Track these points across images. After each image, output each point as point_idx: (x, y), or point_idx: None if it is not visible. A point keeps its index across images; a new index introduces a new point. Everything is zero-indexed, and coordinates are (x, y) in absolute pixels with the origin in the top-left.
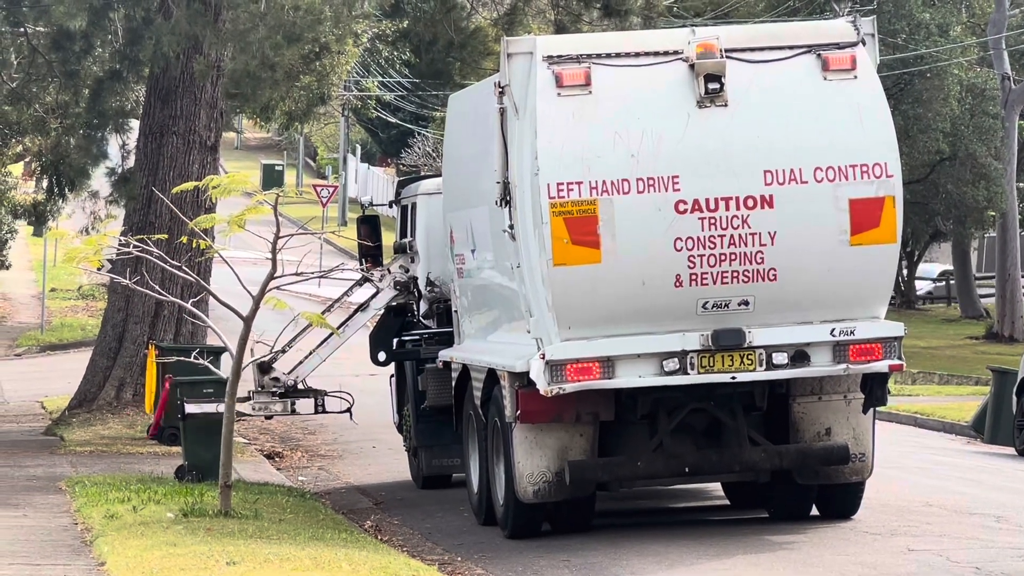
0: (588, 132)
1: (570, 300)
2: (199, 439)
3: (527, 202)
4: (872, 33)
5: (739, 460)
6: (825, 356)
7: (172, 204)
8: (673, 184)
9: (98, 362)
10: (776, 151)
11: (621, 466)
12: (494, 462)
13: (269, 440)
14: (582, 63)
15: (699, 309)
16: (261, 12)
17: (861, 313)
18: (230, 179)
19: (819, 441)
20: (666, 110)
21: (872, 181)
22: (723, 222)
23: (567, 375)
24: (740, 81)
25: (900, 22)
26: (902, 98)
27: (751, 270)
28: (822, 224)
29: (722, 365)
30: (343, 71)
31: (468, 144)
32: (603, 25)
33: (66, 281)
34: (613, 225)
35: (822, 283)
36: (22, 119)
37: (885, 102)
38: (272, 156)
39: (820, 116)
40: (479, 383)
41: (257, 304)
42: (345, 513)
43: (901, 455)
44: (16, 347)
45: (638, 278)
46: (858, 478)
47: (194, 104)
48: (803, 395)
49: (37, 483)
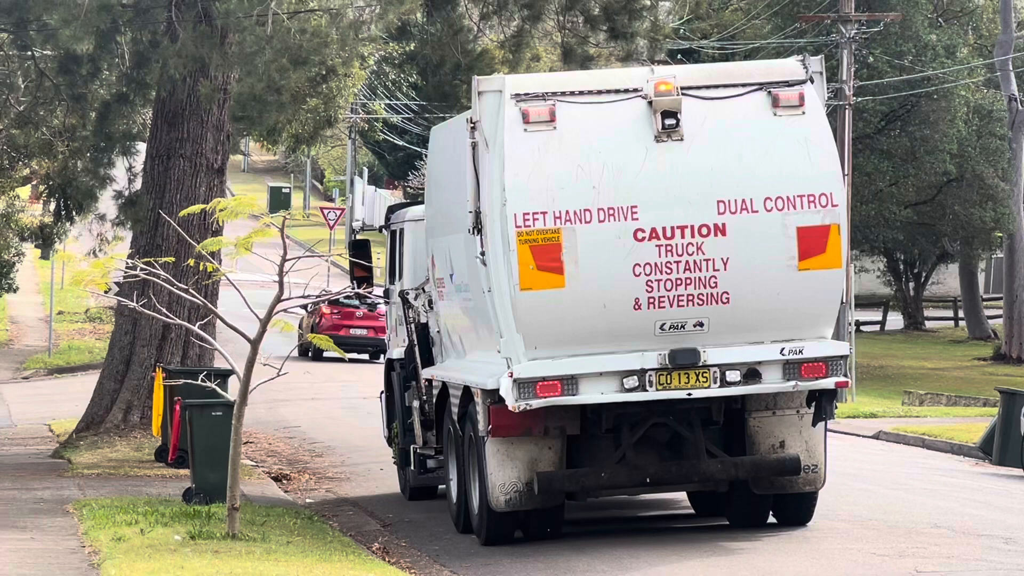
0: (553, 165)
1: (536, 322)
2: (206, 462)
3: (496, 230)
4: (820, 71)
5: (697, 471)
6: (776, 374)
7: (179, 227)
8: (632, 214)
9: (105, 385)
10: (728, 182)
11: (587, 477)
12: (470, 473)
13: (276, 462)
14: (547, 100)
15: (657, 330)
16: (267, 35)
17: (809, 333)
18: (237, 202)
19: (773, 453)
20: (626, 144)
21: (819, 210)
22: (679, 249)
23: (534, 392)
24: (695, 117)
25: (907, 43)
26: (909, 119)
27: (705, 294)
28: (772, 251)
29: (679, 382)
30: (350, 94)
31: (447, 174)
32: (609, 47)
33: (73, 304)
34: (576, 252)
35: (772, 306)
36: (29, 142)
37: (831, 136)
38: (279, 179)
39: (770, 149)
40: (456, 399)
41: (264, 327)
42: (353, 535)
43: (909, 476)
44: (23, 370)
45: (599, 301)
46: (811, 488)
47: (201, 127)
48: (758, 410)
49: (45, 506)
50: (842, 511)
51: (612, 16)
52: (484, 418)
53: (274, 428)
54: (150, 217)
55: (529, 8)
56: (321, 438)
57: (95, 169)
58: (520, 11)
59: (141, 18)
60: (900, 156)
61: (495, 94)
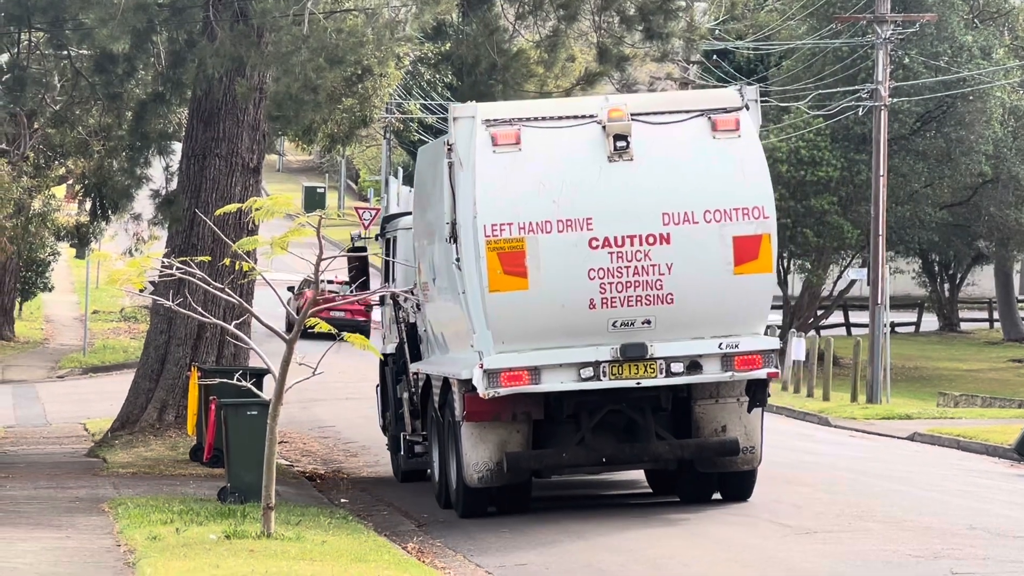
0: (518, 182)
1: (504, 320)
2: (241, 461)
3: (469, 239)
4: (755, 99)
5: (648, 452)
6: (715, 366)
7: (215, 226)
8: (587, 225)
9: (140, 384)
10: (672, 197)
11: (550, 457)
12: (449, 455)
13: (311, 462)
14: (514, 125)
15: (609, 327)
16: (304, 35)
17: (744, 330)
18: (273, 201)
19: (715, 436)
20: (582, 164)
21: (752, 221)
22: (628, 256)
23: (501, 381)
24: (643, 140)
25: (943, 44)
26: (945, 120)
27: (652, 295)
28: (710, 257)
29: (629, 373)
30: (385, 94)
31: (430, 190)
32: (645, 47)
33: (108, 303)
34: (538, 258)
35: (711, 305)
36: (65, 141)
37: (763, 156)
38: (314, 178)
39: (709, 168)
40: (438, 389)
41: (300, 326)
42: (387, 535)
43: (943, 478)
44: (59, 369)
45: (559, 302)
46: (749, 467)
47: (236, 126)
48: (703, 398)
49: (80, 505)
50: (877, 512)
51: (648, 16)
52: (460, 405)
53: (308, 428)
54: (186, 216)
55: (565, 8)
56: (356, 438)
57: (131, 168)
58: (556, 11)
59: (177, 17)
60: (935, 157)
61: (468, 120)
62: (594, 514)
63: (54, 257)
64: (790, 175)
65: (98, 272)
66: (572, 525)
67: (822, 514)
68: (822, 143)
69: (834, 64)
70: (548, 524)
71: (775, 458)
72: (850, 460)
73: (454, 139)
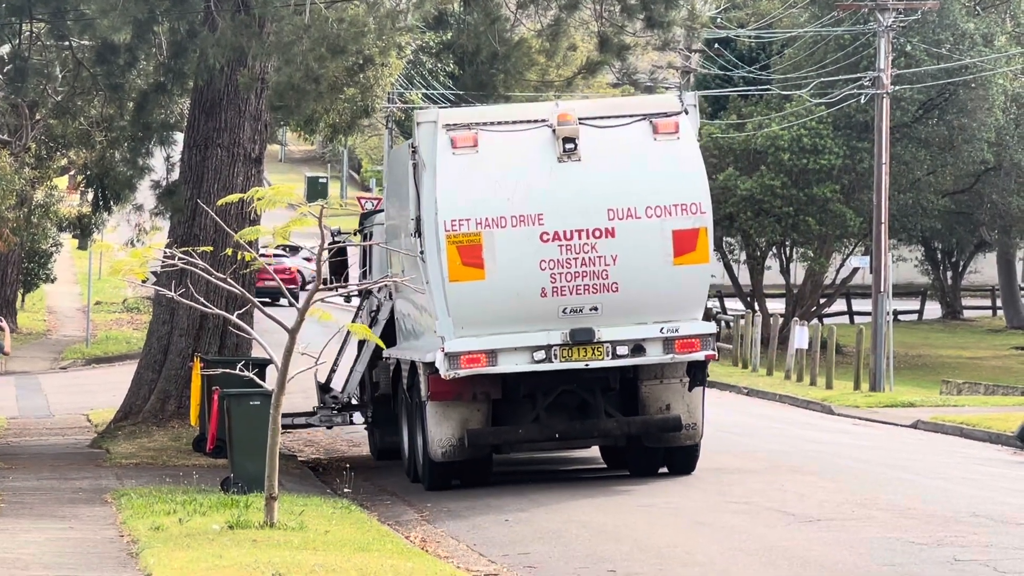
0: (475, 181)
1: (463, 307)
2: (244, 451)
3: (432, 234)
4: (694, 104)
5: (597, 428)
6: (657, 349)
7: (217, 216)
8: (539, 220)
9: (143, 375)
10: (616, 194)
11: (507, 433)
12: (416, 432)
13: (314, 452)
14: (472, 129)
15: (560, 313)
16: (305, 24)
17: (683, 316)
18: (275, 191)
19: (660, 414)
20: (534, 164)
21: (690, 216)
22: (576, 248)
23: (461, 363)
24: (591, 142)
25: (944, 32)
26: (947, 108)
27: (598, 284)
28: (652, 249)
29: (578, 355)
30: (387, 83)
31: (399, 188)
32: (646, 36)
33: (111, 294)
34: (494, 251)
35: (653, 294)
36: (67, 132)
37: (700, 157)
38: (316, 168)
39: (651, 168)
40: (406, 372)
41: (302, 316)
42: (391, 525)
43: (946, 465)
44: (62, 360)
45: (513, 290)
46: (691, 442)
47: (238, 116)
48: (648, 379)
49: (83, 495)
50: (880, 500)
51: (649, 5)
52: (425, 386)
53: None
54: (188, 207)
55: None
56: (357, 428)
57: (133, 159)
58: (557, 0)
59: (179, 7)
60: (938, 145)
61: (431, 124)
62: (598, 503)
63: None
64: (792, 163)
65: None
66: (578, 515)
67: (825, 502)
68: (824, 131)
69: (836, 52)
70: (554, 513)
71: (778, 447)
72: (853, 448)
73: (418, 142)
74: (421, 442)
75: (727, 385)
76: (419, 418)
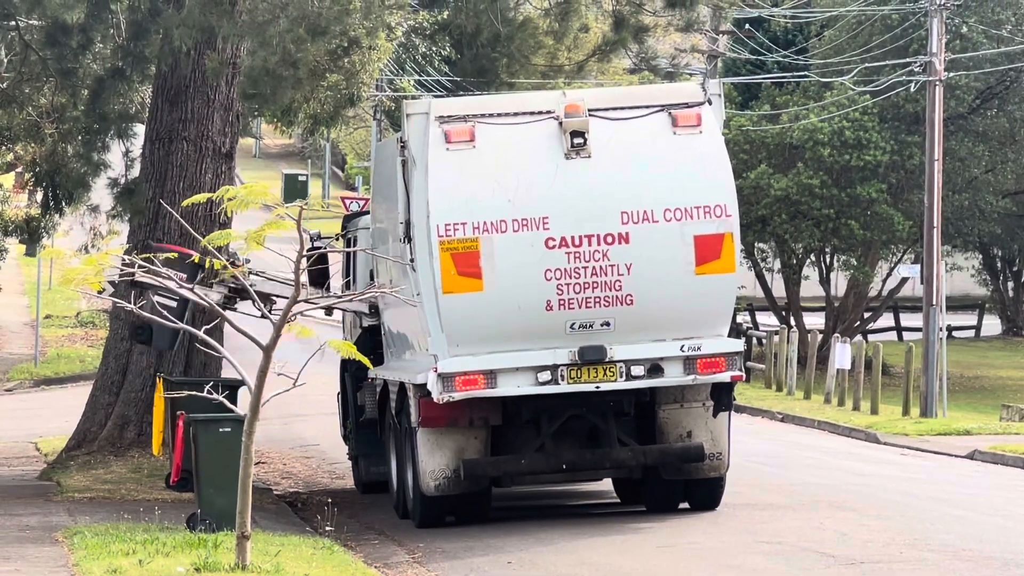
0: (472, 180)
1: (458, 322)
2: (213, 484)
3: (423, 239)
4: (719, 93)
5: (609, 458)
6: (677, 369)
7: (182, 219)
8: (544, 224)
9: (99, 398)
10: (631, 195)
11: (508, 463)
12: (406, 463)
13: (292, 485)
14: (468, 122)
15: (567, 329)
16: (282, 2)
17: (706, 332)
18: (248, 190)
19: (680, 442)
20: (538, 161)
21: (714, 220)
22: (586, 256)
23: (456, 385)
24: (601, 136)
25: (1005, 11)
26: (1008, 97)
27: (611, 296)
28: (671, 257)
29: (588, 376)
30: (374, 69)
31: (385, 189)
32: (667, 16)
33: (63, 307)
34: (493, 259)
35: (672, 307)
36: (13, 124)
37: (726, 153)
38: (295, 165)
39: (670, 165)
40: (394, 395)
41: (278, 332)
42: (378, 567)
43: (1008, 502)
44: (7, 381)
45: (515, 303)
46: (716, 474)
47: (207, 106)
48: (667, 403)
49: (31, 534)
50: (933, 540)
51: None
52: (415, 410)
53: (289, 446)
54: (149, 208)
55: None
56: (342, 458)
57: (87, 154)
58: None
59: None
60: (997, 139)
61: (422, 116)
62: (612, 542)
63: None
64: (833, 159)
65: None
66: (590, 557)
67: (870, 542)
68: (869, 123)
69: (883, 34)
70: (563, 555)
71: (817, 479)
72: (901, 481)
73: (407, 136)
74: (411, 474)
75: (759, 410)
76: (409, 447)
